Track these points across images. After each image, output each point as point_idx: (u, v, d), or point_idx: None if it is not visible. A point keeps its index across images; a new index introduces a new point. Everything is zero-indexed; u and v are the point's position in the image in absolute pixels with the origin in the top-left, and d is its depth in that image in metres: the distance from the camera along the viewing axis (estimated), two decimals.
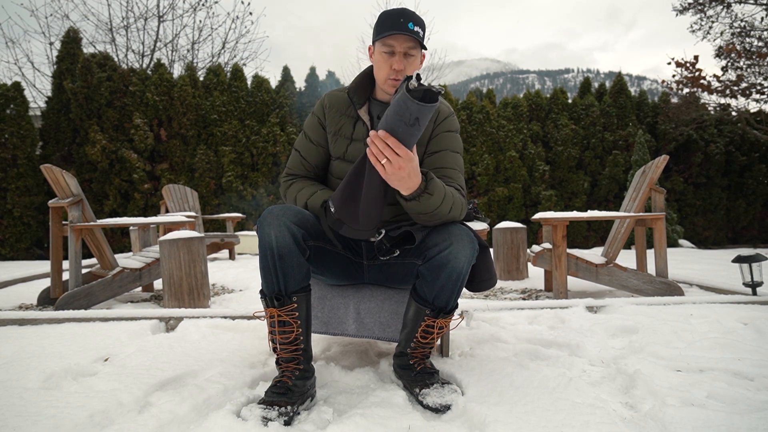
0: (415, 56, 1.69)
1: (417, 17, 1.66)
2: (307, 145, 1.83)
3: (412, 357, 1.73)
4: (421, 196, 1.50)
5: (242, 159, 8.62)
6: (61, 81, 8.29)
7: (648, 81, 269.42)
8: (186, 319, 2.48)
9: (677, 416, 1.35)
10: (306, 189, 1.76)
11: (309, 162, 1.83)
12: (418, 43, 1.65)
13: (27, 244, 8.00)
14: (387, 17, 1.66)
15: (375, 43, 1.70)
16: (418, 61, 1.72)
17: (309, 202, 1.72)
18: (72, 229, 3.19)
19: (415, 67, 1.71)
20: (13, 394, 1.54)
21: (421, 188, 1.49)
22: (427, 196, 1.50)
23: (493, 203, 9.00)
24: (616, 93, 9.69)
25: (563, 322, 2.50)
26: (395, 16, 1.64)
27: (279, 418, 1.39)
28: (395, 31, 1.62)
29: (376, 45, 1.70)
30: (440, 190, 1.53)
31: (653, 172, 3.47)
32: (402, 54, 1.65)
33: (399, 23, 1.62)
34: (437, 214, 1.56)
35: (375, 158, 1.41)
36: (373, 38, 1.71)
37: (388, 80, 1.69)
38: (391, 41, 1.65)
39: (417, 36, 1.63)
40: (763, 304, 2.76)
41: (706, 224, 9.76)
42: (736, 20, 10.27)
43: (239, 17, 15.47)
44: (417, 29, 1.64)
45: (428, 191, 1.50)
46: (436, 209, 1.54)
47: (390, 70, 1.67)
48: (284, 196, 1.83)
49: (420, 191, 1.49)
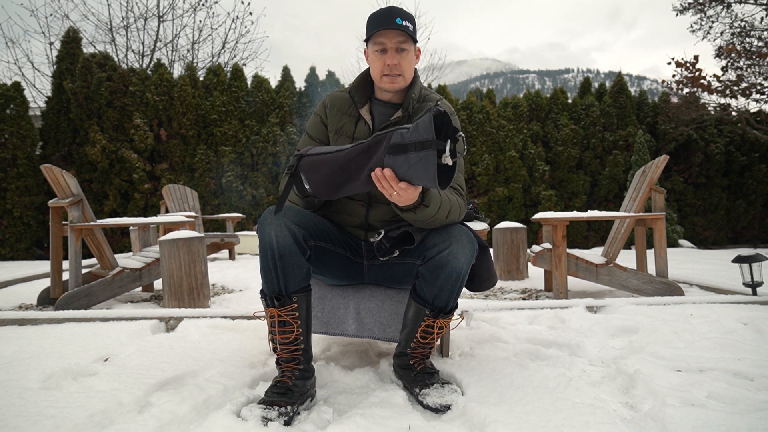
0: (408, 50, 1.69)
1: (404, 12, 1.66)
2: (309, 143, 1.83)
3: (412, 357, 1.73)
4: (418, 208, 1.50)
5: (242, 159, 8.62)
6: (61, 81, 8.29)
7: (648, 81, 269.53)
8: (186, 319, 2.48)
9: (677, 416, 1.35)
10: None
11: None
12: (409, 36, 1.66)
13: (27, 244, 8.00)
14: (375, 16, 1.67)
15: (367, 43, 1.71)
16: (412, 55, 1.72)
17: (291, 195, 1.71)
18: (72, 229, 3.19)
19: (410, 61, 1.71)
20: (13, 394, 1.54)
21: (418, 201, 1.49)
22: (423, 207, 1.50)
23: (493, 203, 9.00)
24: (616, 93, 9.69)
25: (563, 322, 2.50)
26: (382, 13, 1.66)
27: (279, 418, 1.39)
28: (384, 28, 1.63)
29: (368, 45, 1.71)
30: (436, 200, 1.53)
31: (653, 172, 3.47)
32: (394, 49, 1.66)
33: (387, 20, 1.64)
34: (434, 220, 1.56)
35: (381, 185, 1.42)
36: (365, 40, 1.72)
37: (383, 77, 1.69)
38: (381, 38, 1.65)
39: (407, 30, 1.64)
40: (763, 304, 2.76)
41: (706, 224, 9.76)
42: (736, 20, 10.27)
43: (239, 17, 15.47)
44: (406, 23, 1.64)
45: (425, 203, 1.50)
46: (432, 217, 1.54)
47: (384, 66, 1.68)
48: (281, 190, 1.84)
49: (417, 204, 1.49)
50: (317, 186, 1.53)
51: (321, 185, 1.53)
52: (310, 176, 1.54)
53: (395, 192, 1.40)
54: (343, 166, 1.47)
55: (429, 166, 1.27)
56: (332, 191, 1.53)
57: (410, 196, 1.42)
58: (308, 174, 1.54)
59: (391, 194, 1.41)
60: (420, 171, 1.30)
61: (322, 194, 1.55)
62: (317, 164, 1.52)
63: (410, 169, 1.32)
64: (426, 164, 1.28)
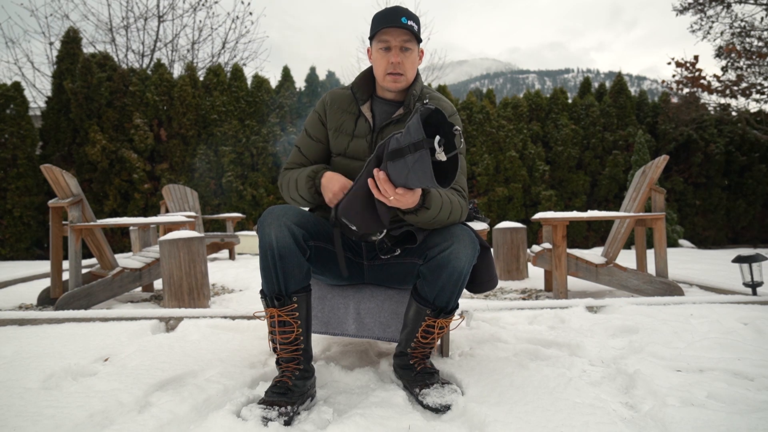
0: (412, 50, 1.69)
1: (410, 12, 1.67)
2: (306, 141, 1.84)
3: (413, 357, 1.73)
4: (419, 210, 1.51)
5: (242, 159, 8.62)
6: (61, 81, 8.29)
7: (648, 81, 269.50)
8: (186, 319, 2.48)
9: (677, 416, 1.35)
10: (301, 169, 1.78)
11: (308, 158, 1.83)
12: (414, 36, 1.66)
13: (27, 244, 8.00)
14: (380, 15, 1.68)
15: (371, 41, 1.72)
16: (416, 56, 1.72)
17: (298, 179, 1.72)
18: (72, 229, 3.19)
19: (413, 61, 1.71)
20: (13, 394, 1.54)
21: (419, 204, 1.49)
22: (424, 210, 1.51)
23: (493, 203, 9.00)
24: (616, 93, 9.69)
25: (563, 322, 2.50)
26: (388, 12, 1.66)
27: (279, 418, 1.39)
28: (389, 26, 1.63)
29: (372, 43, 1.72)
30: (437, 202, 1.53)
31: (653, 172, 3.47)
32: (398, 48, 1.67)
33: (392, 18, 1.64)
34: (436, 221, 1.57)
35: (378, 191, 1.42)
36: (370, 38, 1.72)
37: (387, 75, 1.70)
38: (386, 36, 1.66)
39: (411, 29, 1.65)
40: (763, 304, 2.76)
41: (706, 224, 9.76)
42: (736, 20, 10.27)
43: (239, 17, 15.45)
44: (411, 23, 1.65)
45: (426, 205, 1.50)
46: (434, 218, 1.55)
47: (387, 65, 1.68)
48: (281, 186, 1.83)
49: (418, 206, 1.49)
50: (364, 222, 1.52)
51: (366, 219, 1.51)
52: (351, 218, 1.53)
53: (392, 197, 1.40)
54: (369, 190, 1.47)
55: (425, 166, 1.27)
56: (379, 218, 1.50)
57: (410, 200, 1.42)
58: (348, 216, 1.53)
59: (389, 198, 1.41)
60: (419, 172, 1.30)
61: (373, 226, 1.53)
62: (350, 203, 1.52)
63: (410, 173, 1.32)
64: (422, 165, 1.28)
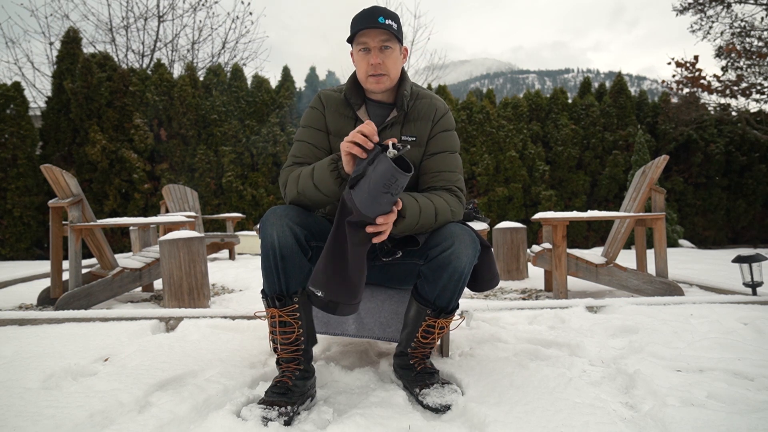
0: (393, 49, 1.65)
1: (388, 11, 1.64)
2: (313, 132, 1.74)
3: (413, 357, 1.73)
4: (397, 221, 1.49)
5: (242, 159, 8.62)
6: (61, 81, 8.29)
7: (648, 81, 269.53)
8: (186, 319, 2.48)
9: (677, 416, 1.35)
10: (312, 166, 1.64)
11: (319, 149, 1.73)
12: (393, 35, 1.63)
13: (27, 244, 8.00)
14: (357, 17, 1.65)
15: (351, 44, 1.69)
16: (398, 54, 1.68)
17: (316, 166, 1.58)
18: (72, 229, 3.19)
19: (395, 60, 1.67)
20: (13, 394, 1.54)
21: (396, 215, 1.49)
22: (401, 219, 1.50)
23: (493, 203, 9.00)
24: (616, 93, 9.69)
25: (563, 322, 2.50)
26: (365, 13, 1.63)
27: (279, 418, 1.39)
28: (366, 27, 1.60)
29: (352, 46, 1.69)
30: (414, 209, 1.51)
31: (653, 172, 3.47)
32: (377, 48, 1.63)
33: (369, 19, 1.61)
34: (421, 227, 1.56)
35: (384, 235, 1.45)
36: (349, 41, 1.69)
37: (369, 77, 1.66)
38: (364, 38, 1.63)
39: (390, 29, 1.61)
40: (763, 304, 2.76)
41: (706, 224, 9.76)
42: (736, 20, 10.27)
43: (239, 17, 15.45)
44: (389, 22, 1.61)
45: (401, 214, 1.49)
46: (416, 225, 1.54)
47: (368, 66, 1.65)
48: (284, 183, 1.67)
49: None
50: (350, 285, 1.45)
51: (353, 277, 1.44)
52: (328, 290, 1.44)
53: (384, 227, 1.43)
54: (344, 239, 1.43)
55: (386, 163, 1.32)
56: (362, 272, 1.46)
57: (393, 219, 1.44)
58: (324, 288, 1.45)
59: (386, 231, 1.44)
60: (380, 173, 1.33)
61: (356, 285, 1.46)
62: (335, 270, 1.44)
63: (371, 184, 1.35)
64: (382, 165, 1.33)
